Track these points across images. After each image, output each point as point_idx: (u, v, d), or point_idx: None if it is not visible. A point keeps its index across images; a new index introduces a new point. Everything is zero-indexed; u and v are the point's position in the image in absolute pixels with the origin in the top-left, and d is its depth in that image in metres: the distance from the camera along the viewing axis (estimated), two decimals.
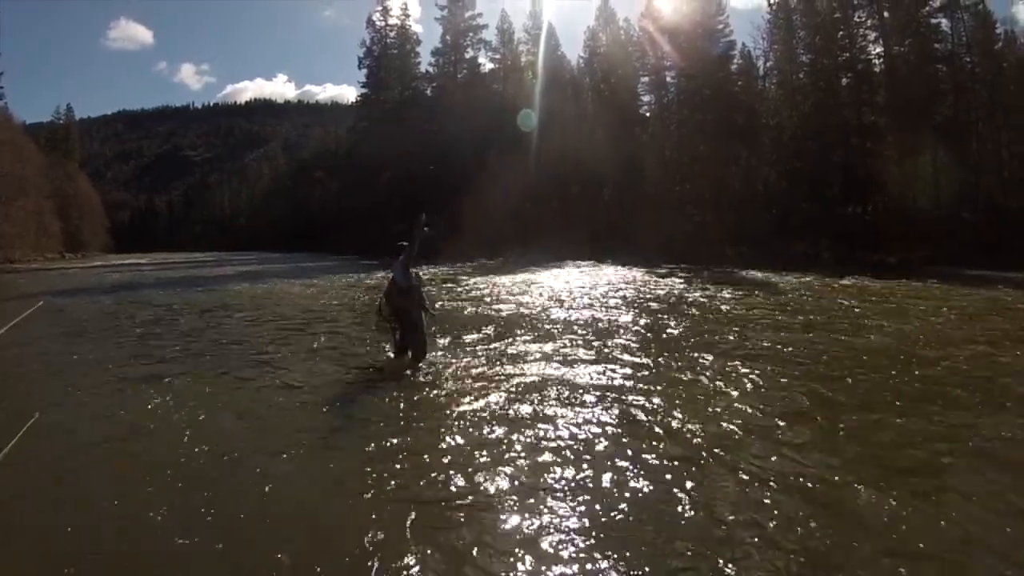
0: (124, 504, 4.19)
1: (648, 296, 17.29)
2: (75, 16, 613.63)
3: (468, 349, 9.34)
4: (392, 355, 8.72)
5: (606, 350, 9.20)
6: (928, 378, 7.41)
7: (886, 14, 45.11)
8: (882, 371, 7.74)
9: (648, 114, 55.36)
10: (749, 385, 7.01)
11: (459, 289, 20.12)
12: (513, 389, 6.91)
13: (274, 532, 3.83)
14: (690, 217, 45.69)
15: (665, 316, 13.13)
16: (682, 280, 23.32)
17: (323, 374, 7.95)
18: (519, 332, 10.85)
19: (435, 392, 6.91)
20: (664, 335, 10.61)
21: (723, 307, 14.84)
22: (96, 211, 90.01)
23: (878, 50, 45.34)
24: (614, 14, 57.18)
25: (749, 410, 6.05)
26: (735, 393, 6.69)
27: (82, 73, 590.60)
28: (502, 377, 7.51)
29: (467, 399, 6.56)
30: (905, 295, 17.37)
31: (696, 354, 8.79)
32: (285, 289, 22.17)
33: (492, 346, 9.57)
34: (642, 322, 12.23)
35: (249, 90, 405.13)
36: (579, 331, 10.98)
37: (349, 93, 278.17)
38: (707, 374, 7.63)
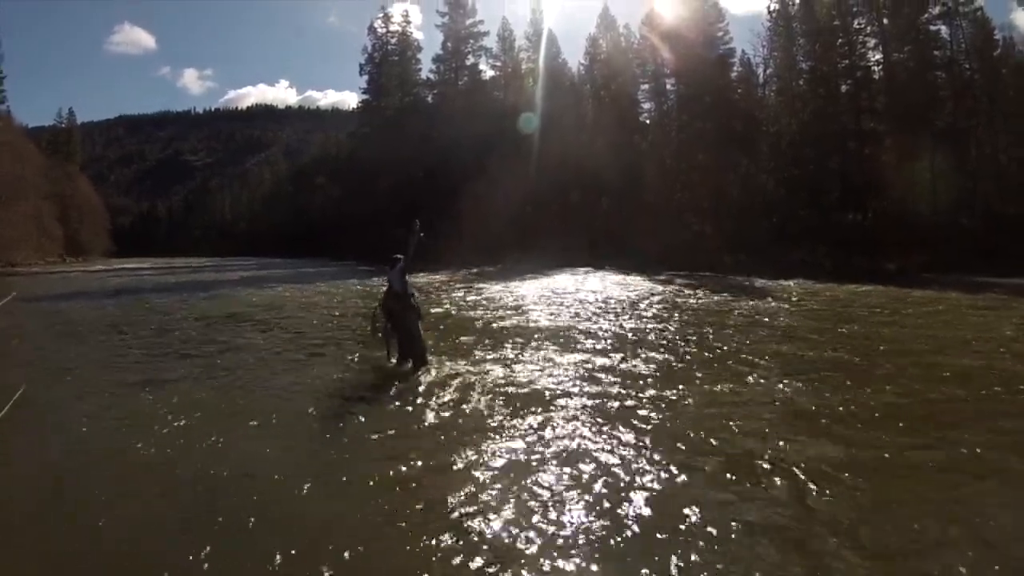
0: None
1: (644, 302, 17.32)
2: (78, 20, 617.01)
3: (466, 356, 9.35)
4: (392, 362, 8.72)
5: (602, 358, 9.22)
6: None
7: (885, 21, 45.28)
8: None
9: (648, 121, 55.42)
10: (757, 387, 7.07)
11: (459, 295, 20.16)
12: (514, 396, 6.97)
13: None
14: (688, 225, 45.69)
15: (662, 323, 13.19)
16: (678, 287, 23.39)
17: (319, 379, 8.00)
18: (519, 339, 10.90)
19: (432, 399, 6.91)
20: (662, 341, 10.67)
21: (717, 311, 14.91)
22: (97, 215, 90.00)
23: (877, 57, 45.51)
24: (614, 21, 57.36)
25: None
26: (739, 399, 6.76)
27: (84, 77, 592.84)
28: (500, 384, 7.56)
29: (465, 407, 6.60)
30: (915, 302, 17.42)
31: (694, 360, 8.87)
32: (283, 294, 22.24)
33: (490, 353, 9.60)
34: (637, 327, 12.28)
35: (251, 95, 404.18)
36: (576, 338, 11.00)
37: (350, 99, 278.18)
38: (706, 381, 7.68)
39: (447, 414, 6.37)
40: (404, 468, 4.83)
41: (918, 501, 4.22)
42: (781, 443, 5.31)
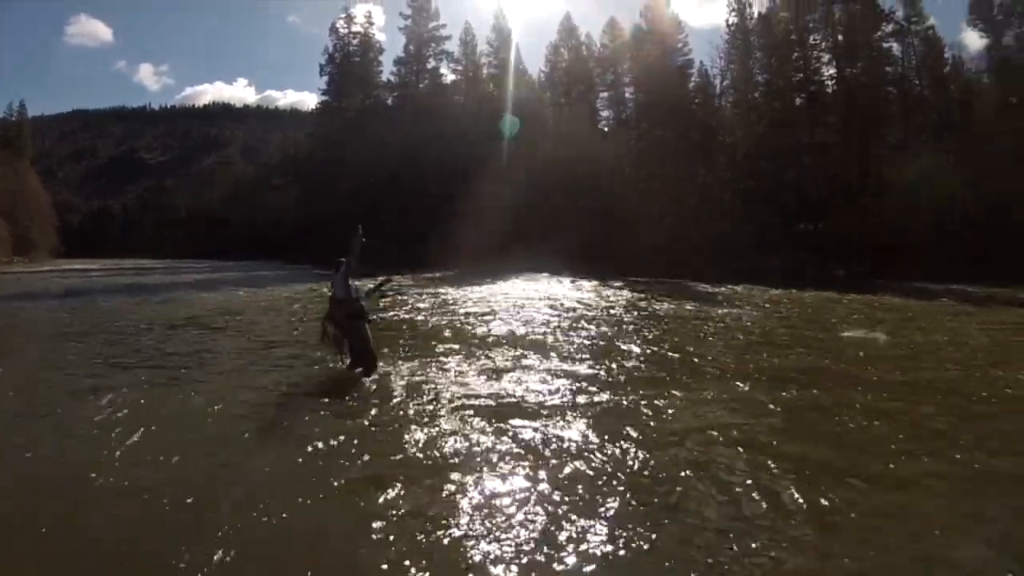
0: None
1: (596, 308, 17.33)
2: (32, 9, 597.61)
3: (417, 362, 9.20)
4: (339, 367, 8.59)
5: (551, 362, 9.16)
6: None
7: (840, 37, 46.29)
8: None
9: (607, 129, 55.84)
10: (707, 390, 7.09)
11: (411, 301, 19.98)
12: (467, 402, 6.89)
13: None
14: (646, 232, 46.03)
15: (616, 327, 13.20)
16: (629, 292, 23.41)
17: (271, 386, 7.78)
18: (471, 345, 10.76)
19: (383, 406, 6.79)
20: (612, 345, 10.67)
21: (673, 316, 14.98)
22: (46, 213, 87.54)
23: (831, 72, 46.51)
24: (576, 29, 57.82)
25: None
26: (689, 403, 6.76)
27: (37, 69, 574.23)
28: (452, 389, 7.46)
29: (416, 413, 6.50)
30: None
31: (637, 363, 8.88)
32: (239, 298, 21.79)
33: (440, 357, 9.50)
34: (586, 332, 12.27)
35: (208, 93, 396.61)
36: (527, 343, 10.90)
37: (310, 100, 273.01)
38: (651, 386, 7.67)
39: (389, 417, 6.33)
40: (345, 478, 4.73)
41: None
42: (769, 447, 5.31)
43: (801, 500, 4.25)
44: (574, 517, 4.01)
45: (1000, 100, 42.04)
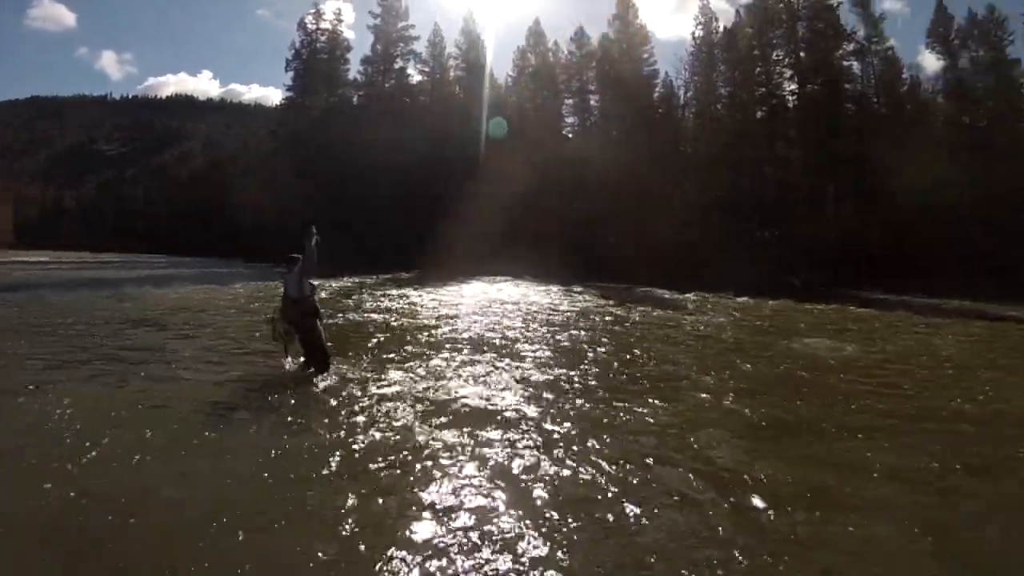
0: None
1: (563, 313, 17.41)
2: None
3: (370, 361, 9.21)
4: (290, 367, 8.47)
5: (507, 364, 9.25)
6: None
7: (802, 54, 47.20)
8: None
9: (571, 135, 56.11)
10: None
11: (370, 302, 19.82)
12: (421, 401, 6.91)
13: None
14: (605, 238, 46.36)
15: (569, 330, 13.25)
16: (588, 297, 23.63)
17: (211, 389, 7.53)
18: (425, 346, 10.81)
19: (336, 408, 6.70)
20: (578, 351, 10.71)
21: (640, 323, 15.05)
22: None
23: (792, 87, 47.46)
24: (544, 35, 57.90)
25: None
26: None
27: None
28: (407, 388, 7.47)
29: (369, 413, 6.45)
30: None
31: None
32: (194, 296, 21.30)
33: (396, 358, 9.48)
34: (553, 338, 12.31)
35: (171, 84, 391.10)
36: (489, 346, 10.93)
37: (275, 95, 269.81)
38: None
39: (340, 418, 6.25)
40: (295, 479, 4.68)
41: None
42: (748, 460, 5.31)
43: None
44: (523, 528, 3.97)
45: (953, 119, 43.35)
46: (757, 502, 4.41)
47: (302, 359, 8.46)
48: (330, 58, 62.94)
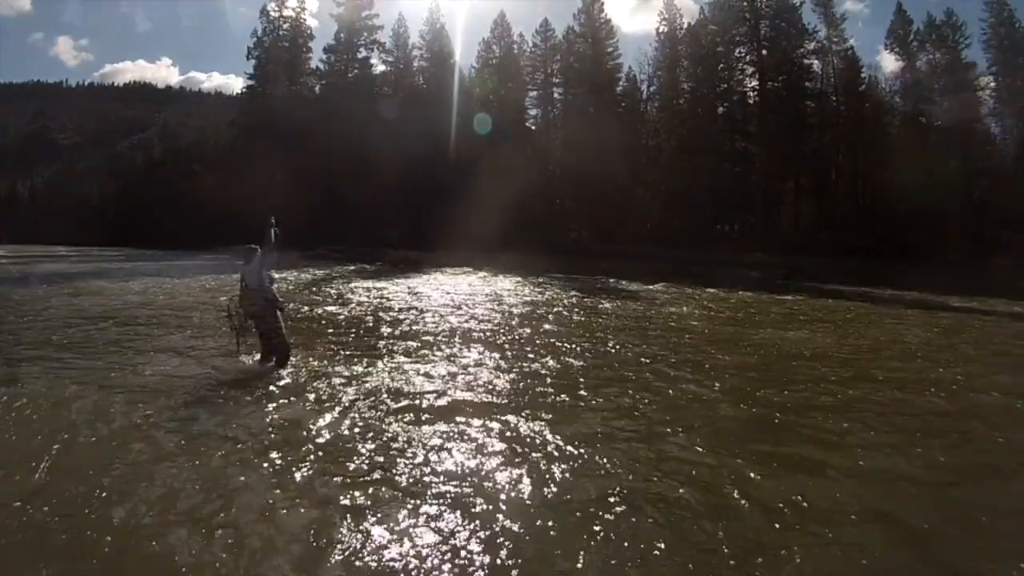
0: None
1: (518, 303, 17.16)
2: None
3: (330, 352, 8.85)
4: (250, 361, 8.03)
5: (476, 356, 8.85)
6: None
7: (764, 52, 47.70)
8: None
9: (534, 127, 56.02)
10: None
11: (335, 293, 19.33)
12: (380, 393, 6.64)
13: None
14: (568, 231, 46.35)
15: (535, 322, 12.95)
16: (544, 287, 23.42)
17: (176, 379, 7.19)
18: (388, 336, 10.49)
19: (296, 401, 6.36)
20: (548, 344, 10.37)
21: (611, 314, 14.74)
22: None
23: (753, 84, 47.94)
24: (509, 27, 57.68)
25: None
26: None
27: None
28: (365, 381, 7.16)
29: (332, 407, 6.16)
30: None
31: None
32: (146, 289, 20.48)
33: (353, 352, 9.00)
34: (524, 330, 12.02)
35: (129, 71, 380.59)
36: (451, 337, 10.48)
37: (236, 84, 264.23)
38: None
39: (301, 411, 6.00)
40: (254, 477, 4.41)
41: None
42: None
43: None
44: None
45: (910, 119, 44.11)
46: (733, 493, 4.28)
47: (260, 353, 8.05)
48: (292, 46, 62.09)
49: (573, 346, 9.94)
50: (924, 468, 4.77)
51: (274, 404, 6.25)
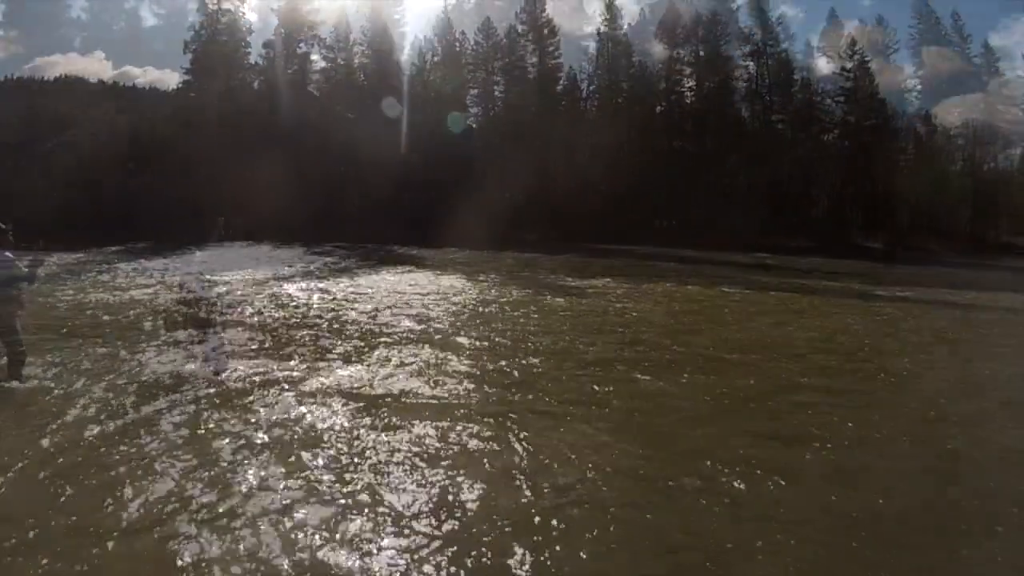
0: None
1: (465, 302, 17.10)
2: None
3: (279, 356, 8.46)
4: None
5: (435, 357, 8.62)
6: None
7: (702, 53, 48.81)
8: None
9: (475, 125, 55.98)
10: None
11: (284, 294, 19.02)
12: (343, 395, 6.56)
13: None
14: (512, 229, 46.43)
15: (488, 319, 12.96)
16: (506, 288, 23.46)
17: None
18: (344, 337, 10.05)
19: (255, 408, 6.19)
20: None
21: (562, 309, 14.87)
22: None
23: (691, 84, 48.94)
24: (451, 24, 57.53)
25: None
26: None
27: None
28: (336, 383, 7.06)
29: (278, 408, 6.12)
30: None
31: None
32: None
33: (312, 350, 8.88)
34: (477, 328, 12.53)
35: (60, 65, 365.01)
36: (407, 337, 10.11)
37: (172, 79, 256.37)
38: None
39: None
40: None
41: None
42: None
43: None
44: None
45: (843, 119, 45.88)
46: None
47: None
48: (230, 40, 60.56)
49: (537, 344, 9.90)
50: None
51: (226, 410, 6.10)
